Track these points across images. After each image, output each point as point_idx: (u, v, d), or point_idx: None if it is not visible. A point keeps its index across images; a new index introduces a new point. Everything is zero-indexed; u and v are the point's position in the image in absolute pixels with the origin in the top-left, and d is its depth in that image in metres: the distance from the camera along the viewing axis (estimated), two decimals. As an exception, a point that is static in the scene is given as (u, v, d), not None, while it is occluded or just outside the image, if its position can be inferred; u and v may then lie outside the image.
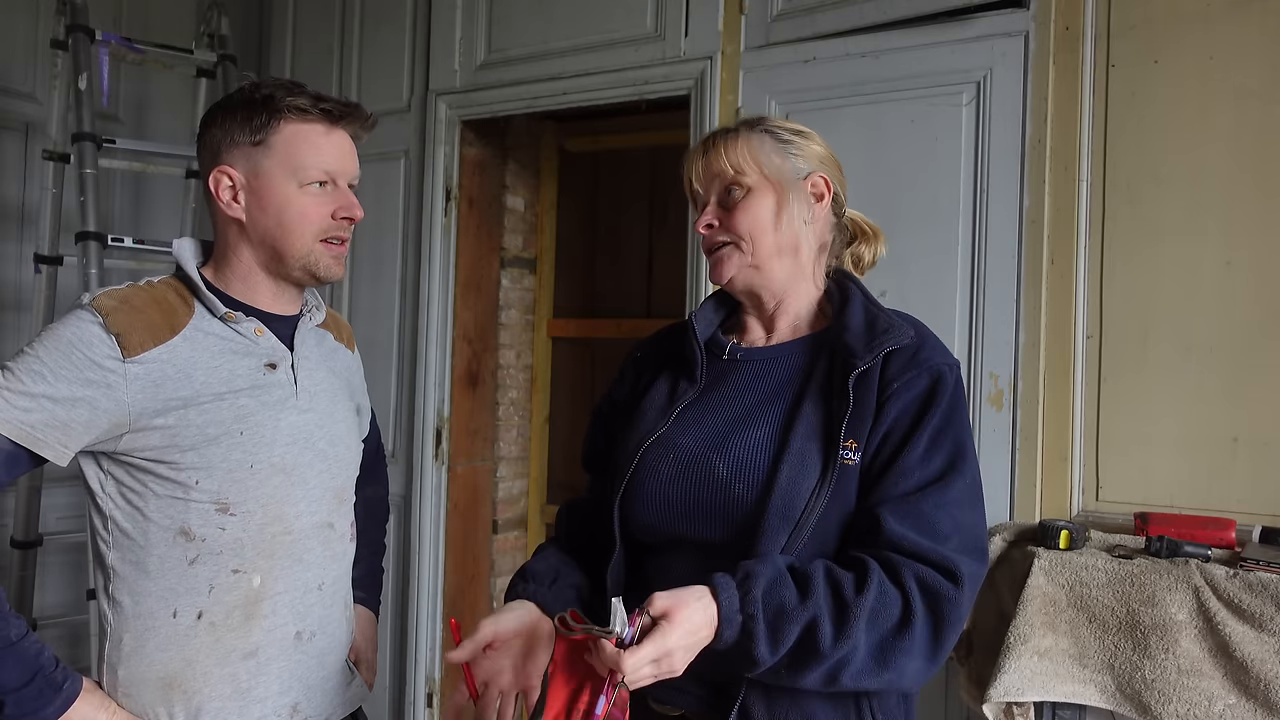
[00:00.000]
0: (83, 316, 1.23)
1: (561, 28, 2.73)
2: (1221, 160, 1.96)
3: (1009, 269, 2.10)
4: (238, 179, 1.31)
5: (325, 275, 1.35)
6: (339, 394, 1.45)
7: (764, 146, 1.27)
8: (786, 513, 1.13)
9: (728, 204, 1.27)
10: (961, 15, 2.16)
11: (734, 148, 1.27)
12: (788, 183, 1.27)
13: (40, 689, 1.17)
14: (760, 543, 1.13)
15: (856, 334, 1.21)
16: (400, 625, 2.97)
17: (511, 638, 1.20)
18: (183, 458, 1.24)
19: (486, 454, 3.21)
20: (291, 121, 1.30)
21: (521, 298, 3.35)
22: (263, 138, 1.30)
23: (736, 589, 1.05)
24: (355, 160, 1.37)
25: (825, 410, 1.19)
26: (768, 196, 1.26)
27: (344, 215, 1.33)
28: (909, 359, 1.20)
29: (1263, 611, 1.65)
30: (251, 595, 1.29)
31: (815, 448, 1.17)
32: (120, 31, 2.83)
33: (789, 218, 1.26)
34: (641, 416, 1.31)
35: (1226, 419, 1.94)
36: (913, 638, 1.07)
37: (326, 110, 1.31)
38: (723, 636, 1.03)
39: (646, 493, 1.24)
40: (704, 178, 1.29)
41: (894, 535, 1.10)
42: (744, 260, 1.26)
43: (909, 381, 1.18)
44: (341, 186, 1.34)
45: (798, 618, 1.04)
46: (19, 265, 2.82)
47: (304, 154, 1.30)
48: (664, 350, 1.39)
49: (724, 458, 1.20)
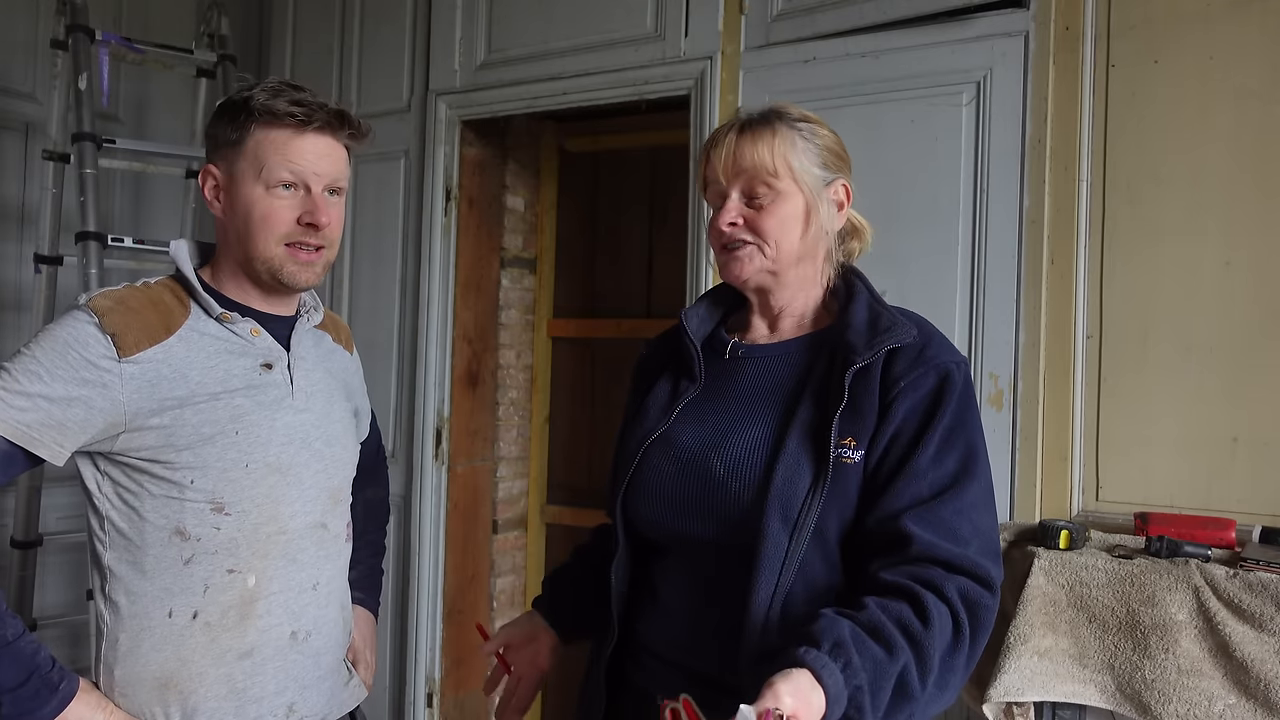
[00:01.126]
0: (79, 317, 1.23)
1: (561, 28, 2.73)
2: (1221, 160, 1.96)
3: (1009, 269, 2.10)
4: (220, 178, 1.32)
5: (289, 282, 1.32)
6: (336, 394, 1.45)
7: (796, 147, 1.22)
8: (785, 513, 1.12)
9: (754, 203, 1.22)
10: (961, 15, 2.16)
11: (768, 144, 1.21)
12: (817, 190, 1.23)
13: (36, 689, 1.17)
14: (763, 545, 1.11)
15: (858, 331, 1.19)
16: (400, 625, 2.97)
17: (521, 644, 1.44)
18: (178, 457, 1.24)
19: (486, 454, 3.21)
20: (263, 124, 1.29)
21: (521, 298, 3.35)
22: (238, 138, 1.30)
23: (837, 666, 0.97)
24: (333, 164, 1.32)
25: (821, 408, 1.17)
26: (798, 202, 1.22)
27: (308, 220, 1.30)
28: (914, 357, 1.17)
29: (1263, 611, 1.65)
30: (246, 595, 1.29)
31: (810, 447, 1.15)
32: (120, 31, 2.83)
33: (816, 226, 1.24)
34: (644, 415, 1.31)
35: (1226, 419, 1.94)
36: (963, 653, 1.06)
37: (293, 114, 1.28)
38: (830, 716, 0.96)
39: (649, 490, 1.24)
40: (730, 169, 1.22)
41: (925, 546, 1.07)
42: (765, 263, 1.23)
43: (916, 380, 1.15)
44: (315, 192, 1.31)
45: (890, 673, 1.00)
46: (19, 265, 2.82)
47: (269, 155, 1.28)
48: (666, 350, 1.39)
49: (721, 456, 1.20)
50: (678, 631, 1.23)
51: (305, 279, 1.33)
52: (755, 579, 1.11)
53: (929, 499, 1.10)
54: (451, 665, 3.01)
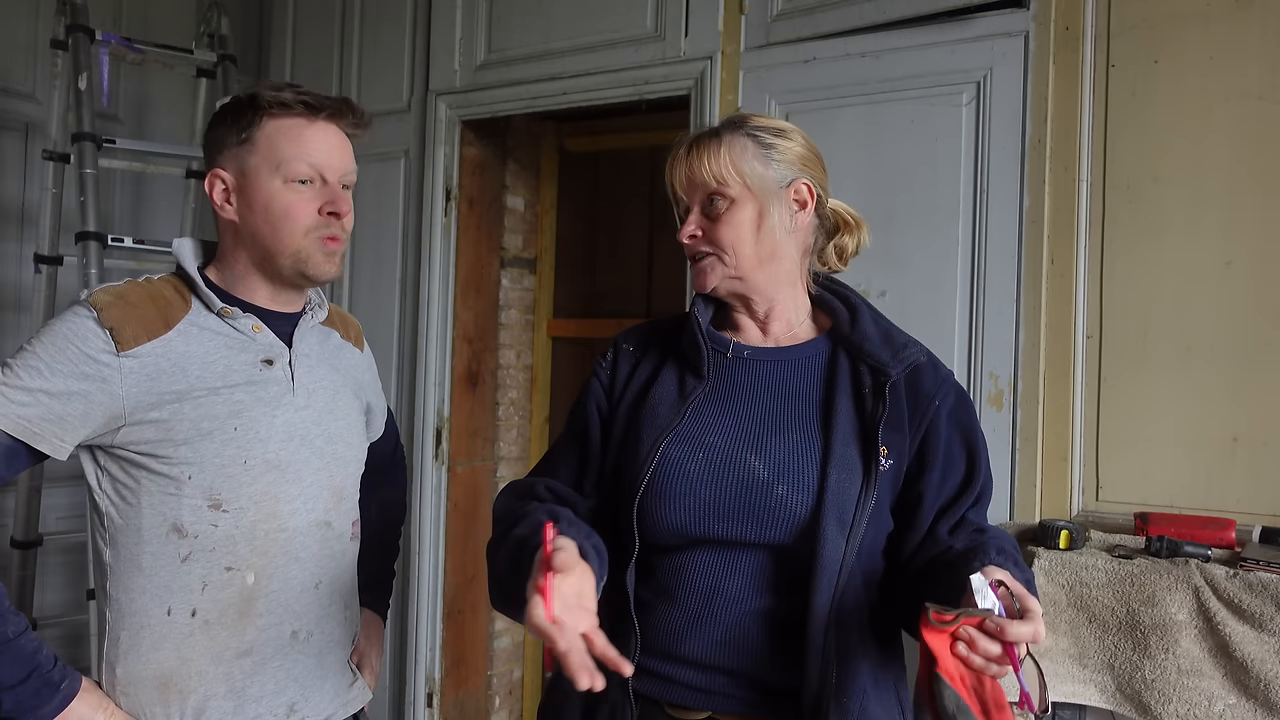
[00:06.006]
0: (78, 312, 1.24)
1: (561, 28, 2.73)
2: (1221, 160, 1.96)
3: (1009, 269, 2.10)
4: (229, 181, 1.32)
5: (316, 274, 1.32)
6: (341, 391, 1.44)
7: (746, 153, 1.25)
8: (841, 517, 1.17)
9: (711, 213, 1.26)
10: (961, 15, 2.16)
11: (716, 156, 1.25)
12: (770, 192, 1.26)
13: (38, 687, 1.17)
14: (823, 548, 1.15)
15: (876, 343, 1.26)
16: (400, 625, 2.97)
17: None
18: (175, 452, 1.24)
19: (486, 454, 3.21)
20: (274, 116, 1.29)
21: (521, 298, 3.35)
22: (248, 135, 1.30)
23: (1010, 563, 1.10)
24: (345, 156, 1.34)
25: (860, 416, 1.23)
26: (749, 207, 1.25)
27: (330, 210, 1.30)
28: (934, 375, 1.27)
29: (1263, 611, 1.65)
30: (245, 593, 1.29)
31: (855, 452, 1.21)
32: (120, 31, 2.83)
33: (769, 228, 1.26)
34: (651, 412, 1.27)
35: (1226, 419, 1.94)
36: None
37: (305, 102, 1.29)
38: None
39: (674, 491, 1.20)
40: (686, 185, 1.28)
41: (979, 526, 1.23)
42: (726, 271, 1.26)
43: (944, 398, 1.25)
44: (331, 183, 1.31)
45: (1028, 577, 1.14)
46: (19, 265, 2.82)
47: (285, 148, 1.29)
48: (658, 344, 1.36)
49: (763, 458, 1.20)
50: (710, 633, 1.20)
51: (330, 270, 1.33)
52: (816, 581, 1.15)
53: (975, 503, 1.25)
54: (451, 665, 3.01)
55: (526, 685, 3.41)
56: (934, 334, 2.12)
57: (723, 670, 1.20)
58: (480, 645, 3.17)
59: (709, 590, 1.21)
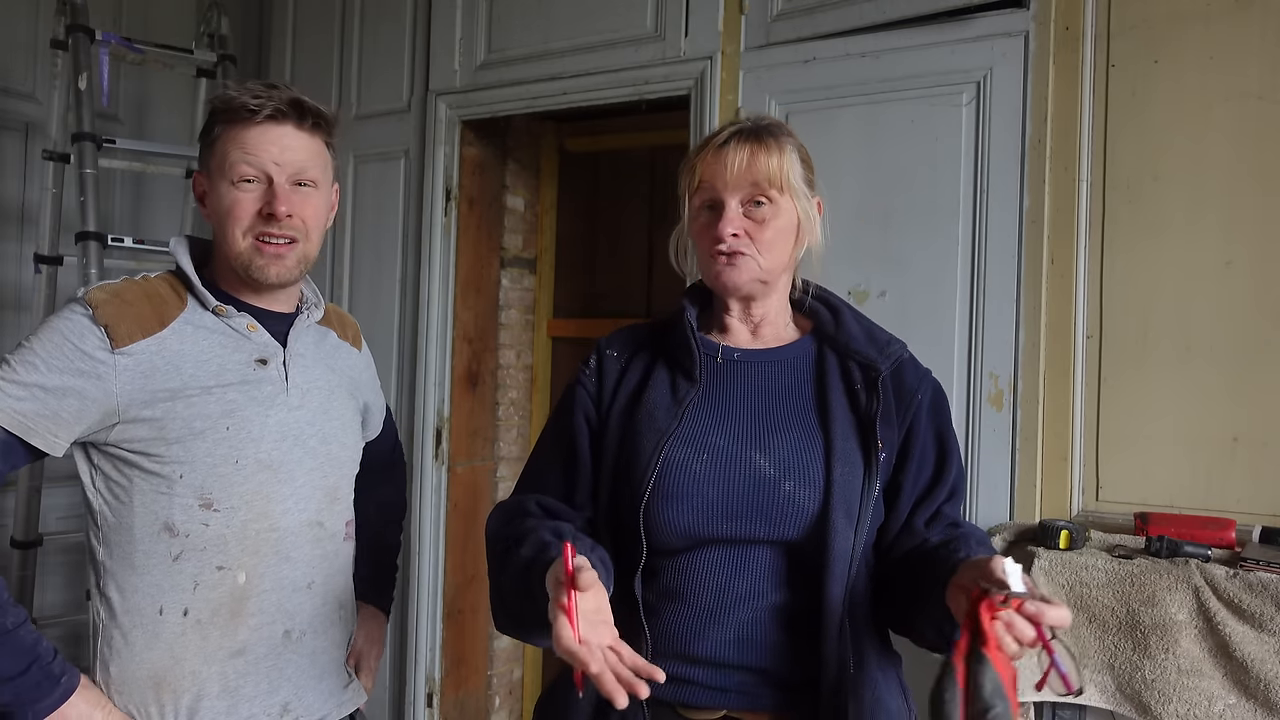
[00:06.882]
0: (74, 309, 1.25)
1: (561, 28, 2.73)
2: (1221, 160, 1.96)
3: (1009, 269, 2.10)
4: (205, 182, 1.35)
5: (259, 277, 1.31)
6: (337, 391, 1.44)
7: (796, 162, 1.27)
8: (848, 510, 1.19)
9: (755, 214, 1.24)
10: (961, 15, 2.15)
11: (778, 158, 1.23)
12: (805, 203, 1.28)
13: (38, 680, 1.18)
14: (834, 541, 1.17)
15: (861, 341, 1.29)
16: (400, 625, 2.97)
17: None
18: (167, 451, 1.24)
19: (486, 454, 3.21)
20: (223, 120, 1.30)
21: (521, 298, 3.35)
22: (210, 140, 1.32)
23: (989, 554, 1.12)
24: (295, 154, 1.30)
25: (853, 410, 1.25)
26: (791, 214, 1.27)
27: (267, 211, 1.28)
28: (915, 370, 1.30)
29: (1263, 611, 1.64)
30: (237, 593, 1.29)
31: (855, 445, 1.23)
32: (120, 31, 2.83)
33: (800, 238, 1.29)
34: (648, 417, 1.26)
35: (1226, 419, 1.93)
36: None
37: (245, 104, 1.28)
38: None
39: (681, 493, 1.20)
40: (736, 176, 1.23)
41: (954, 519, 1.27)
42: (758, 273, 1.26)
43: (923, 392, 1.28)
44: (276, 182, 1.29)
45: None
46: (19, 265, 2.82)
47: (229, 149, 1.29)
48: (644, 348, 1.34)
49: (767, 456, 1.21)
50: (723, 632, 1.20)
51: (275, 273, 1.31)
52: (829, 575, 1.17)
53: (949, 498, 1.29)
54: (451, 665, 3.01)
55: (526, 685, 3.41)
56: (934, 334, 2.13)
57: (737, 668, 1.20)
58: (480, 645, 3.17)
59: (719, 589, 1.21)
